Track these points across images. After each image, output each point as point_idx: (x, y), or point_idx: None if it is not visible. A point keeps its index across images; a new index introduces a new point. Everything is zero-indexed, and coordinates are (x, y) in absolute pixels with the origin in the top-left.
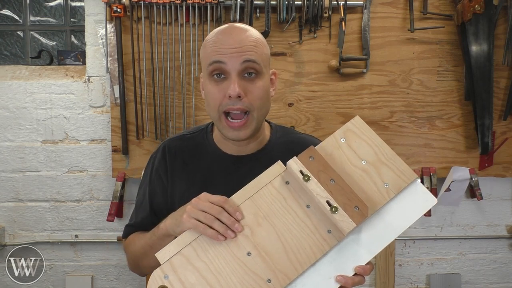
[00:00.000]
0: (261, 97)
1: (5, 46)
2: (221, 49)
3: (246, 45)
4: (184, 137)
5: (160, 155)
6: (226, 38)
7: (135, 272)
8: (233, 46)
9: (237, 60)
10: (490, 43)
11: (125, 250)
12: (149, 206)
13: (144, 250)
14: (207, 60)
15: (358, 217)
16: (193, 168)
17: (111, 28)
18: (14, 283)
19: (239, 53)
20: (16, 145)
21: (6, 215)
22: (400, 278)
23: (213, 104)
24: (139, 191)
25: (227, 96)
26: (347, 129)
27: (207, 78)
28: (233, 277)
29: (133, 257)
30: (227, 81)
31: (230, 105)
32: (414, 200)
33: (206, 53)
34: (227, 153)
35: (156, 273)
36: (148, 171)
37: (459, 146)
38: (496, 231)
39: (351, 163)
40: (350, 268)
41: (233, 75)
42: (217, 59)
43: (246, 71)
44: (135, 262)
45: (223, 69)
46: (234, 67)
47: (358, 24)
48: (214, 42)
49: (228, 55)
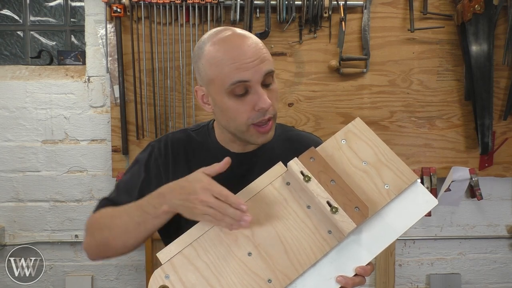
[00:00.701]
0: (278, 100)
1: (5, 46)
2: (242, 66)
3: (261, 55)
4: (187, 131)
5: (163, 146)
6: (241, 53)
7: (95, 252)
8: (251, 60)
9: (259, 73)
10: (490, 43)
11: (93, 224)
12: (138, 193)
13: (126, 227)
14: (226, 80)
15: (358, 217)
16: (195, 163)
17: (111, 28)
18: (14, 283)
19: (258, 66)
20: (16, 145)
21: (6, 215)
22: (400, 278)
23: (240, 120)
24: (128, 173)
25: (257, 109)
26: (348, 130)
27: (224, 95)
28: (233, 277)
29: (106, 233)
30: (251, 95)
31: (261, 117)
32: (415, 201)
33: (220, 72)
34: (229, 150)
35: (157, 273)
36: (144, 158)
37: (459, 146)
38: (496, 231)
39: (351, 164)
40: (351, 269)
41: (258, 88)
42: (241, 79)
43: (266, 81)
44: (104, 239)
45: (247, 86)
46: (257, 81)
47: (358, 24)
48: (232, 60)
49: (250, 71)
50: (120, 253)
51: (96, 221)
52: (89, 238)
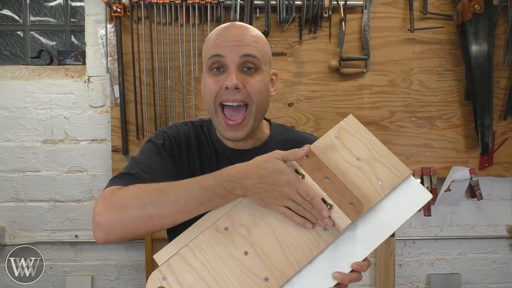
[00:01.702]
0: (260, 91)
1: (5, 46)
2: (221, 42)
3: (246, 40)
4: (194, 123)
5: (176, 134)
6: (226, 33)
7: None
8: (232, 39)
9: (236, 53)
10: (490, 43)
11: (126, 199)
12: (161, 177)
13: (185, 204)
14: (207, 54)
15: (353, 213)
16: (205, 153)
17: (111, 28)
18: (14, 283)
19: (238, 46)
20: (16, 145)
21: (6, 215)
22: (400, 278)
23: (209, 96)
24: (143, 153)
25: (224, 87)
26: (341, 127)
27: (206, 72)
28: (230, 276)
29: (150, 209)
30: (225, 74)
31: (227, 95)
32: (409, 195)
33: (206, 48)
34: (229, 146)
35: (154, 275)
36: (159, 142)
37: (459, 146)
38: (496, 231)
39: (345, 161)
40: (347, 265)
41: (232, 68)
42: (217, 53)
43: (245, 66)
44: (146, 215)
45: (222, 63)
46: (233, 60)
47: (358, 24)
48: (215, 37)
49: (228, 48)
50: (154, 231)
51: (133, 195)
52: (115, 214)
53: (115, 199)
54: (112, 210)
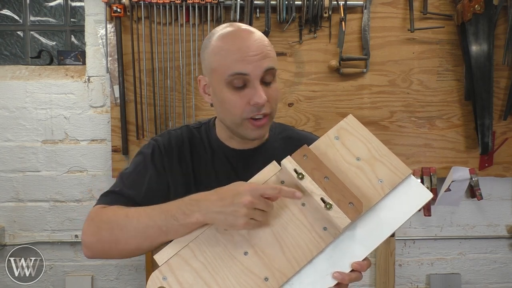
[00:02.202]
0: (277, 99)
1: (5, 46)
2: (245, 58)
3: (265, 52)
4: (189, 128)
5: (167, 142)
6: (247, 47)
7: (98, 250)
8: (254, 54)
9: (260, 68)
10: (490, 43)
11: (102, 220)
12: (145, 191)
13: (145, 230)
14: (226, 70)
15: (352, 213)
16: (197, 160)
17: (111, 28)
18: (14, 283)
19: (260, 61)
20: (16, 145)
21: (6, 215)
22: (400, 278)
23: (235, 112)
24: (132, 166)
25: (252, 103)
26: (340, 127)
27: (224, 86)
28: (230, 276)
29: (117, 232)
30: (248, 88)
31: (255, 111)
32: (409, 195)
33: (225, 62)
34: (229, 146)
35: (154, 275)
36: (149, 153)
37: (459, 146)
38: (496, 231)
39: (345, 161)
40: (347, 265)
41: (256, 83)
42: (241, 71)
43: (266, 78)
44: (114, 238)
45: (245, 79)
46: (257, 75)
47: (358, 24)
48: (237, 51)
49: (252, 64)
50: (127, 256)
51: (107, 217)
52: (93, 235)
53: (96, 219)
54: (92, 231)
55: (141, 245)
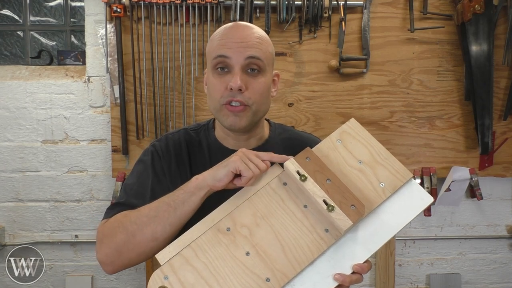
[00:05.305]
0: (261, 92)
1: (5, 46)
2: (226, 43)
3: (251, 41)
4: (187, 130)
5: (164, 146)
6: (232, 34)
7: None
8: (238, 41)
9: (242, 55)
10: (490, 43)
11: (111, 228)
12: (150, 197)
13: (157, 214)
14: (212, 54)
15: (354, 215)
16: (196, 162)
17: (111, 28)
18: (14, 283)
19: (244, 48)
20: (16, 145)
21: (6, 215)
22: (400, 278)
23: (214, 96)
24: (133, 175)
25: (228, 88)
26: (343, 131)
27: (210, 71)
28: (232, 277)
29: (131, 227)
30: (230, 74)
31: (231, 96)
32: (410, 198)
33: (212, 47)
34: (228, 147)
35: (156, 274)
36: (148, 159)
37: (459, 146)
38: (496, 231)
39: (347, 164)
40: (348, 267)
41: (236, 69)
42: (221, 53)
43: (249, 67)
44: (129, 234)
45: (227, 63)
46: (238, 62)
47: (358, 24)
48: (221, 37)
49: (233, 49)
50: (145, 252)
51: (117, 222)
52: (106, 246)
53: (105, 231)
54: (105, 243)
55: (155, 231)
